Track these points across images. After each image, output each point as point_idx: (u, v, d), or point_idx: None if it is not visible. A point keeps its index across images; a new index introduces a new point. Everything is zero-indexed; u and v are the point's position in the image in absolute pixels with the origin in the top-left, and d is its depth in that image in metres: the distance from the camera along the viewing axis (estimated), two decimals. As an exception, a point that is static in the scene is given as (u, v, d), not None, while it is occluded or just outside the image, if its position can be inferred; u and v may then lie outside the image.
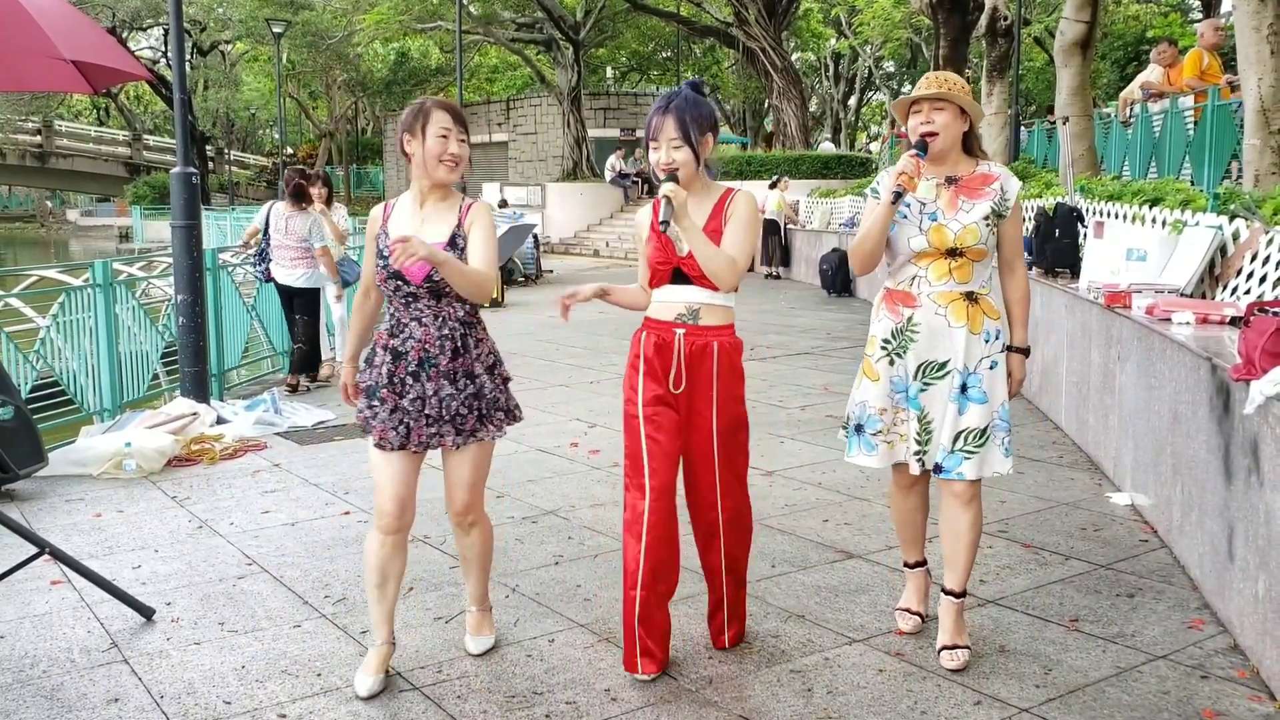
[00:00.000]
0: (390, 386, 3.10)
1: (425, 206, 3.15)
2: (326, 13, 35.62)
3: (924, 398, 3.23)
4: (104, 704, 3.09)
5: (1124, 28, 27.08)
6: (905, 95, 3.28)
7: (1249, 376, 3.20)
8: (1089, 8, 11.40)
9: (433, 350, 3.09)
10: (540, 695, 3.11)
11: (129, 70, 3.90)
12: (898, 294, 3.27)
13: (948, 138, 3.17)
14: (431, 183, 3.11)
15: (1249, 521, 3.26)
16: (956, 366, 3.19)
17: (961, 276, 3.19)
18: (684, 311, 3.14)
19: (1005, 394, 3.24)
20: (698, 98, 3.12)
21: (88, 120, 55.37)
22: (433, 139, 3.04)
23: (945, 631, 3.30)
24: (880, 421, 3.29)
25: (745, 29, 25.41)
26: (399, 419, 3.08)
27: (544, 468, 5.69)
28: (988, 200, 3.18)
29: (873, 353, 3.31)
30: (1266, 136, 6.87)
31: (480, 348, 3.18)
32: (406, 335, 3.11)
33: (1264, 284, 4.74)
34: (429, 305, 3.10)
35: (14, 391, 5.37)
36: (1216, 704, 3.00)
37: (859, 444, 3.34)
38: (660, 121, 3.06)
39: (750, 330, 10.99)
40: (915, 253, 3.19)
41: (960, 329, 3.18)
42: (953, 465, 3.18)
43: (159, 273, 10.01)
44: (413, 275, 3.05)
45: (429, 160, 3.05)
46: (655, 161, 3.09)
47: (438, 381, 3.09)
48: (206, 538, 4.61)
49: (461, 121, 3.10)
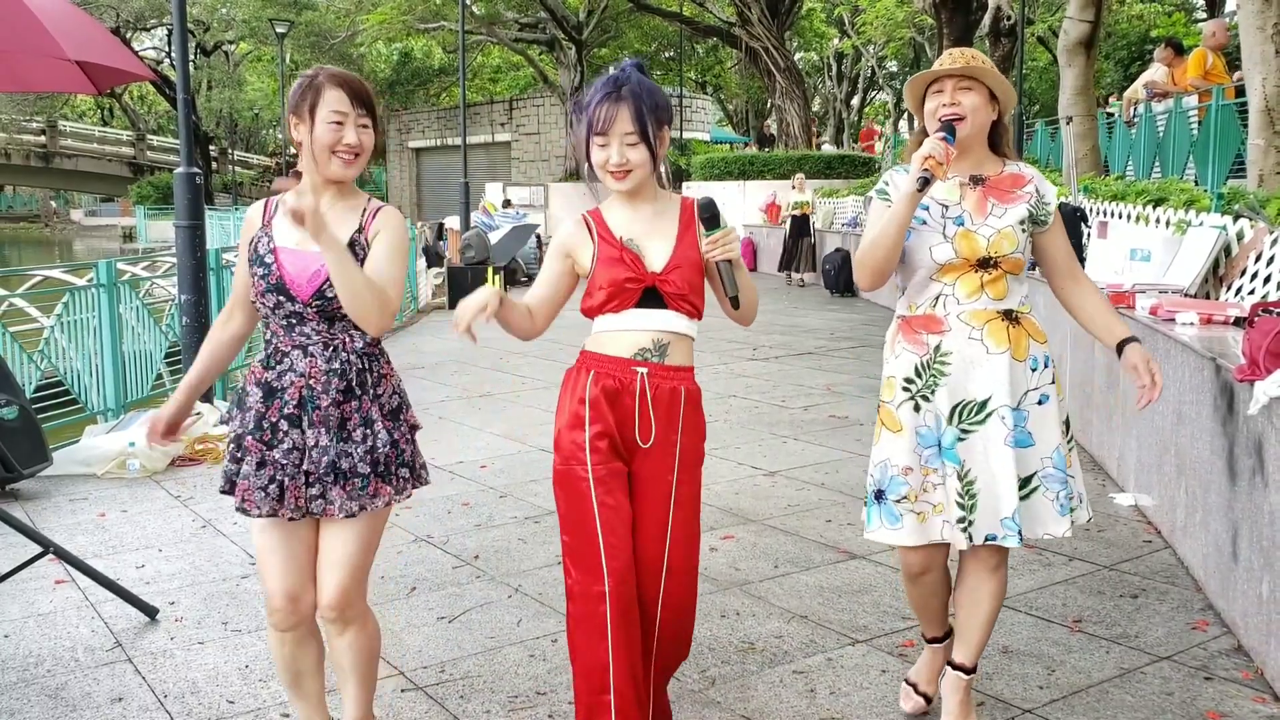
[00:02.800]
0: (257, 433, 2.40)
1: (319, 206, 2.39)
2: (330, 13, 35.68)
3: (962, 449, 2.58)
4: (108, 703, 3.10)
5: (1128, 27, 27.03)
6: (923, 71, 2.64)
7: (1253, 377, 3.20)
8: (1093, 7, 11.40)
9: (316, 388, 2.40)
10: (543, 695, 3.11)
11: (133, 71, 3.91)
12: (918, 320, 2.63)
13: (975, 124, 2.58)
14: (324, 178, 2.43)
15: (1253, 522, 3.26)
16: (1003, 402, 2.55)
17: (996, 292, 2.58)
18: (649, 346, 2.46)
19: (1059, 436, 2.62)
20: (650, 82, 2.44)
21: (92, 120, 55.45)
22: (322, 125, 2.36)
23: (949, 713, 2.75)
24: (906, 484, 2.61)
25: (748, 29, 25.41)
26: (269, 476, 2.39)
27: (546, 467, 5.63)
28: (1023, 204, 2.61)
29: (891, 398, 2.65)
30: (1271, 136, 6.87)
31: (382, 387, 2.48)
32: (285, 368, 2.42)
33: (1268, 284, 4.73)
34: (317, 330, 2.41)
35: (18, 391, 5.38)
36: (1220, 705, 2.99)
37: (880, 514, 2.65)
38: (612, 111, 2.37)
39: (752, 330, 10.99)
40: (939, 265, 2.58)
41: (1001, 355, 2.56)
42: (1012, 529, 2.55)
43: (163, 273, 10.02)
44: (299, 290, 2.39)
45: (318, 151, 2.38)
46: (601, 163, 2.41)
47: (318, 429, 2.39)
48: (210, 537, 4.62)
49: (364, 101, 2.40)
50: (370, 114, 2.42)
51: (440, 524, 4.69)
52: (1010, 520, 2.56)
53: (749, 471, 5.53)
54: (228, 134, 48.46)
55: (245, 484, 2.41)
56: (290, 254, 2.43)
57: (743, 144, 34.33)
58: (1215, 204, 6.05)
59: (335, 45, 35.45)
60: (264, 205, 2.55)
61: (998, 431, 2.57)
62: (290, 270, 2.41)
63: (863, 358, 9.22)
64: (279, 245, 2.45)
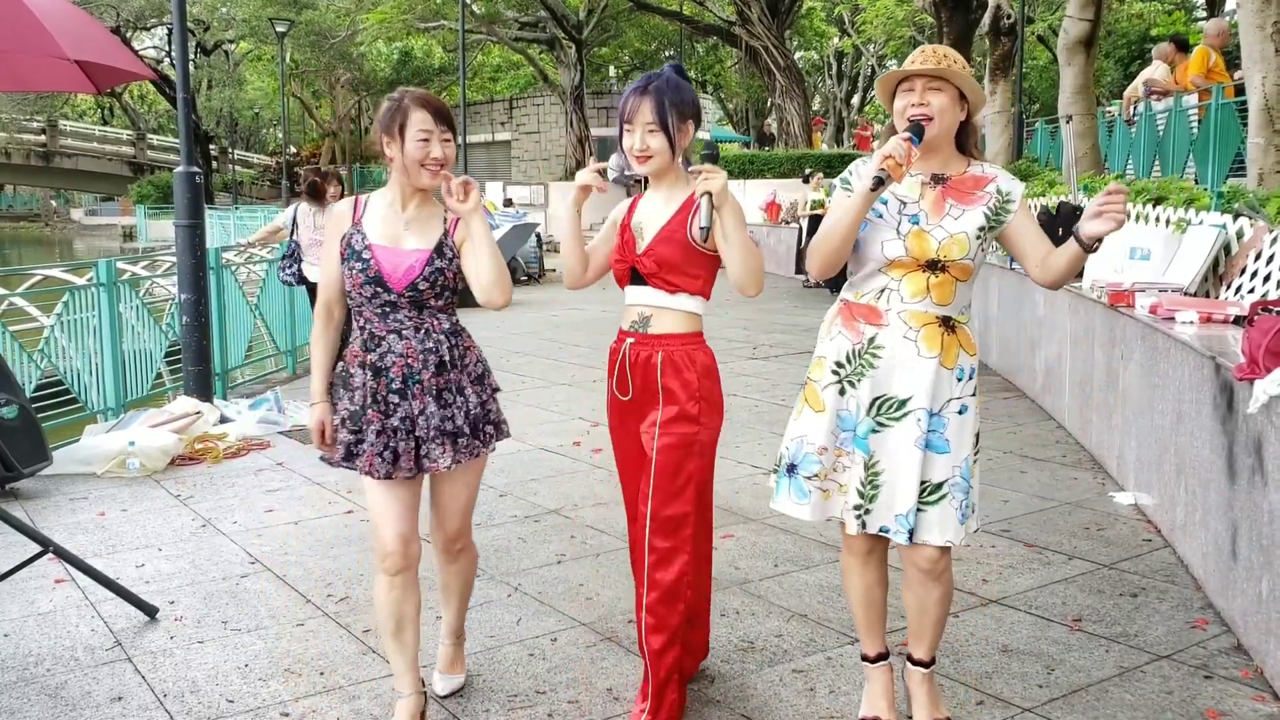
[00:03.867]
0: (376, 406, 2.80)
1: (408, 210, 2.83)
2: (330, 12, 35.68)
3: (874, 440, 2.64)
4: (107, 702, 3.10)
5: (1128, 26, 27.03)
6: (893, 70, 2.67)
7: (1253, 376, 3.20)
8: (1092, 6, 11.39)
9: (415, 365, 2.78)
10: (542, 694, 3.11)
11: (133, 70, 3.90)
12: (859, 308, 2.68)
13: (943, 125, 2.60)
14: (415, 187, 2.81)
15: (1253, 521, 3.26)
16: (922, 405, 2.60)
17: (941, 297, 2.61)
18: (636, 319, 2.82)
19: (970, 447, 2.66)
20: (680, 81, 2.77)
21: (92, 120, 55.46)
22: (413, 143, 2.72)
23: (920, 707, 2.80)
24: (819, 463, 2.67)
25: (748, 28, 25.42)
26: (384, 442, 2.79)
27: (547, 466, 5.69)
28: (980, 207, 2.62)
29: (819, 377, 2.71)
30: (1270, 135, 6.86)
31: (468, 358, 2.89)
32: (385, 349, 2.79)
33: (1268, 283, 4.73)
34: (410, 316, 2.80)
35: (18, 390, 5.38)
36: (1220, 704, 2.99)
37: (789, 488, 2.71)
38: (637, 103, 2.72)
39: (753, 329, 10.99)
40: (888, 260, 2.61)
41: (931, 360, 2.60)
42: (904, 526, 2.61)
43: (162, 272, 10.02)
44: (395, 282, 2.76)
45: (410, 165, 2.74)
46: (629, 147, 2.76)
47: (423, 399, 2.79)
48: (210, 536, 4.62)
49: (445, 119, 2.76)
50: (451, 129, 2.78)
51: (440, 523, 4.70)
52: (904, 518, 2.61)
53: (749, 470, 5.53)
54: (228, 133, 48.48)
55: (369, 453, 2.79)
56: (384, 250, 2.79)
57: (744, 143, 34.30)
58: (1215, 202, 6.05)
59: (335, 44, 35.47)
60: (353, 204, 2.89)
61: (911, 432, 2.61)
62: (386, 265, 2.77)
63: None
64: (373, 242, 2.79)
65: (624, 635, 3.51)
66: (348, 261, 2.79)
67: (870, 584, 2.81)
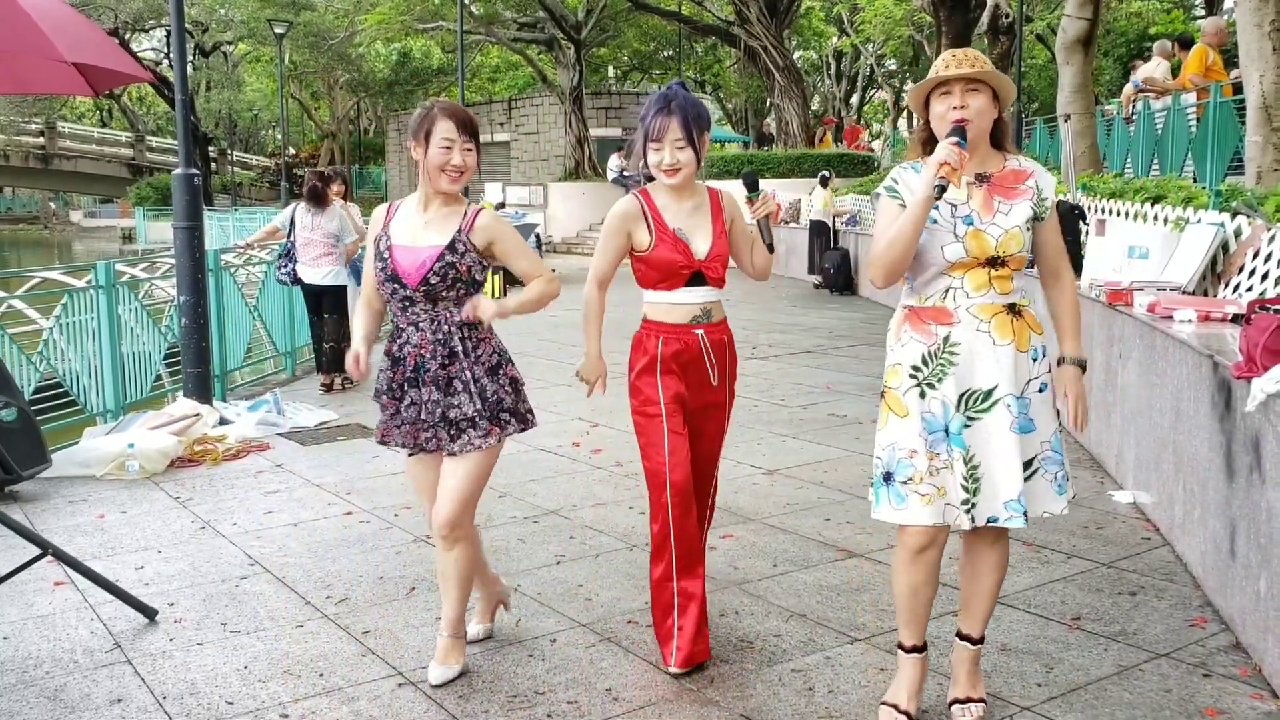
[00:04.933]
0: (390, 393, 3.12)
1: (429, 211, 3.10)
2: (328, 13, 35.67)
3: (969, 435, 2.69)
4: (107, 704, 3.10)
5: (1126, 25, 27.01)
6: (930, 78, 2.72)
7: (1250, 374, 3.20)
8: (1091, 5, 11.40)
9: (426, 355, 3.06)
10: (542, 695, 3.11)
11: (130, 72, 3.90)
12: (927, 311, 2.74)
13: (980, 125, 2.68)
14: (435, 190, 3.07)
15: (1251, 519, 3.26)
16: (1007, 391, 2.69)
17: (1003, 288, 2.71)
18: (699, 313, 3.23)
19: (1054, 421, 2.78)
20: (694, 97, 3.16)
21: (90, 122, 55.45)
22: (436, 149, 2.99)
23: (959, 684, 2.91)
24: (913, 467, 2.70)
25: (747, 27, 25.40)
26: (397, 424, 3.12)
27: (546, 467, 5.69)
28: (1026, 200, 2.72)
29: (898, 384, 2.76)
30: (1268, 133, 6.87)
31: (481, 348, 3.13)
32: (404, 341, 3.10)
33: (1266, 281, 4.73)
34: (425, 310, 3.07)
35: (17, 393, 5.38)
36: (1218, 702, 2.99)
37: (888, 495, 2.74)
38: (665, 122, 3.08)
39: (753, 329, 10.99)
40: (950, 263, 2.69)
41: (1006, 347, 2.70)
42: (1017, 510, 2.67)
43: (161, 274, 10.02)
44: (409, 278, 3.03)
45: (431, 170, 3.01)
46: (656, 164, 3.10)
47: (430, 388, 3.06)
48: (209, 538, 4.62)
49: (469, 130, 3.02)
50: (474, 140, 3.04)
51: (439, 524, 4.70)
52: (1015, 502, 2.68)
53: (748, 470, 5.53)
54: (227, 135, 48.46)
55: (384, 426, 3.15)
56: (403, 250, 3.06)
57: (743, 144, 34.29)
58: (1213, 201, 6.05)
59: (334, 45, 35.45)
60: (387, 209, 3.19)
61: (1003, 418, 2.70)
62: (402, 263, 3.04)
63: (862, 356, 9.22)
64: (395, 243, 3.07)
65: (623, 636, 3.51)
66: (376, 262, 3.09)
67: (921, 581, 2.81)
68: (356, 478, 5.54)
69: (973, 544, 2.87)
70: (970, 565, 2.89)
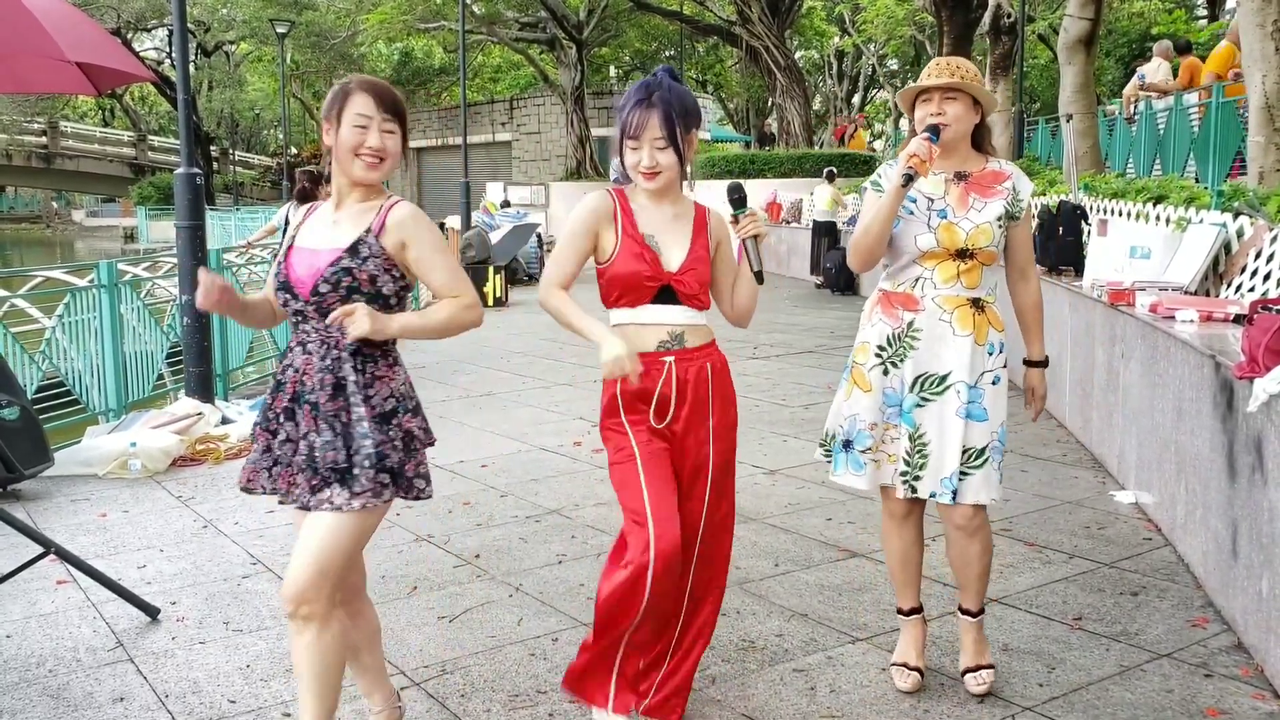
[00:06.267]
0: (264, 423, 2.50)
1: (342, 208, 2.50)
2: (330, 13, 35.68)
3: (919, 414, 2.94)
4: (109, 703, 3.10)
5: (1128, 25, 27.01)
6: (912, 85, 2.96)
7: (1252, 374, 3.20)
8: (1093, 5, 11.40)
9: (309, 384, 2.42)
10: (544, 694, 3.11)
11: (132, 72, 3.91)
12: (897, 296, 2.98)
13: (959, 130, 2.90)
14: (349, 180, 2.47)
15: (1253, 520, 3.26)
16: (960, 378, 2.90)
17: (970, 281, 2.92)
18: (667, 338, 2.65)
19: (1004, 414, 2.97)
20: (681, 88, 2.61)
21: (93, 121, 55.48)
22: (348, 128, 2.41)
23: (967, 653, 3.10)
24: (870, 437, 2.98)
25: (748, 27, 25.40)
26: (270, 461, 2.49)
27: (547, 467, 5.70)
28: (1000, 200, 2.93)
29: (864, 360, 3.01)
30: (1271, 133, 6.86)
31: (376, 388, 2.43)
32: (288, 363, 2.48)
33: (1268, 281, 4.73)
34: (316, 328, 2.43)
35: (20, 392, 5.39)
36: (1220, 702, 2.99)
37: (846, 462, 3.02)
38: (644, 117, 2.54)
39: (753, 329, 10.96)
40: (922, 252, 2.91)
41: (965, 338, 2.91)
42: (948, 488, 2.90)
43: (164, 273, 10.02)
44: (300, 286, 2.42)
45: (342, 154, 2.43)
46: (634, 164, 2.59)
47: (310, 423, 2.40)
48: (211, 537, 4.63)
49: (390, 106, 2.43)
50: (397, 120, 2.45)
51: (441, 523, 4.70)
52: (948, 480, 2.91)
53: (749, 470, 5.53)
54: (228, 134, 48.46)
55: (251, 467, 2.52)
56: (305, 253, 2.47)
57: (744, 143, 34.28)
58: (1215, 201, 6.05)
59: (336, 45, 35.46)
60: (307, 209, 2.61)
61: (952, 404, 2.92)
62: (297, 269, 2.46)
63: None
64: (297, 244, 2.50)
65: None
66: (272, 264, 2.54)
67: (908, 544, 3.11)
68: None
69: (951, 534, 3.03)
70: (958, 557, 3.05)
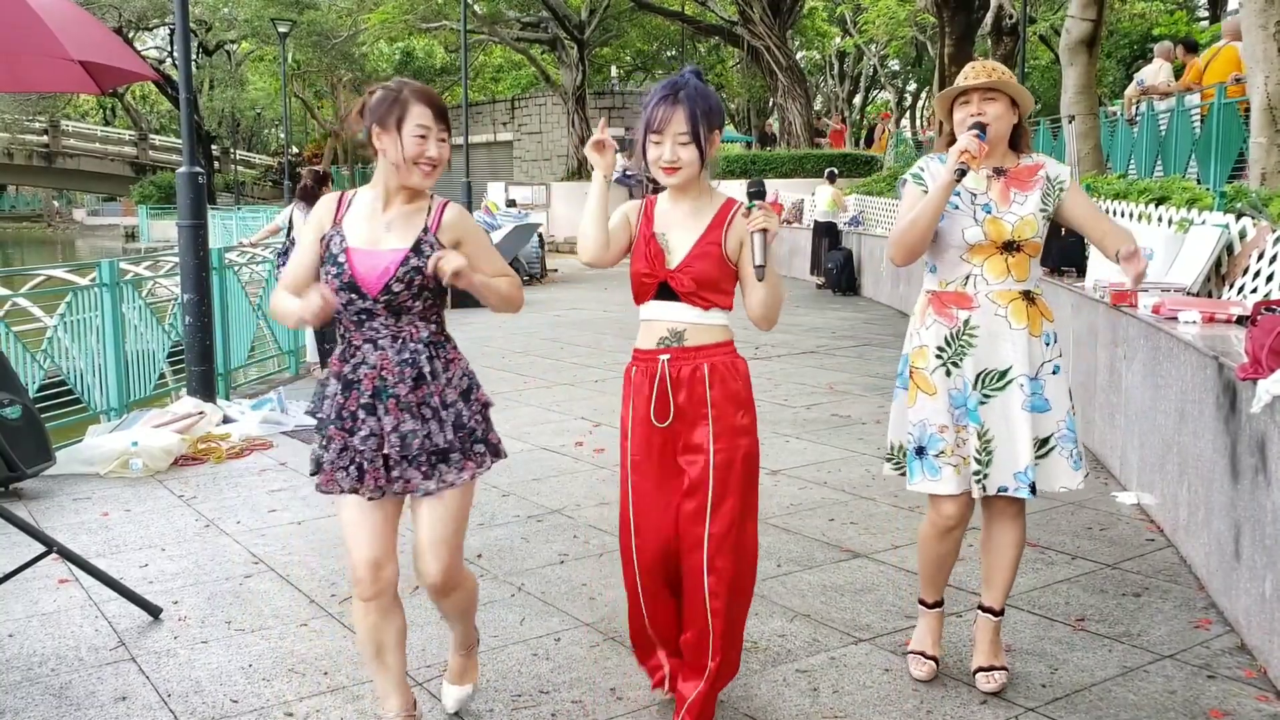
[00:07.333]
0: (339, 422, 2.59)
1: (390, 209, 2.63)
2: (332, 12, 35.66)
3: (983, 411, 2.93)
4: (112, 702, 3.10)
5: (1130, 26, 26.98)
6: (951, 87, 3.00)
7: (1256, 375, 3.20)
8: (1095, 6, 11.39)
9: (390, 378, 2.57)
10: (546, 694, 3.11)
11: (135, 70, 3.91)
12: (949, 296, 2.98)
13: (999, 129, 2.94)
14: (404, 185, 2.61)
15: (1256, 521, 3.26)
16: (1022, 372, 2.92)
17: (1020, 274, 2.94)
18: (666, 335, 2.71)
19: (1068, 401, 3.00)
20: (707, 89, 2.68)
21: (94, 120, 55.50)
22: (410, 139, 2.54)
23: (981, 653, 3.13)
24: (943, 440, 2.95)
25: (750, 27, 25.40)
26: (350, 458, 2.59)
27: (549, 466, 5.69)
28: (1038, 190, 2.98)
29: (925, 364, 2.98)
30: (1273, 135, 6.86)
31: (451, 370, 2.65)
32: (359, 360, 2.59)
33: (1271, 283, 4.72)
34: (386, 324, 2.59)
35: (21, 391, 5.38)
36: (1223, 704, 2.99)
37: (922, 469, 2.98)
38: (668, 113, 2.61)
39: (754, 329, 10.96)
40: (969, 246, 2.93)
41: (1021, 331, 2.92)
42: (1024, 481, 2.91)
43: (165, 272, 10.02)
44: (369, 287, 2.56)
45: (403, 163, 2.56)
46: (655, 159, 2.65)
47: (397, 415, 2.56)
48: (213, 536, 4.63)
49: (443, 117, 2.58)
50: (448, 129, 2.61)
51: (443, 523, 4.70)
52: (1023, 474, 2.92)
53: (751, 470, 5.53)
54: (230, 133, 48.48)
55: (329, 469, 2.62)
56: (362, 254, 2.59)
57: (746, 144, 34.28)
58: (1217, 202, 6.04)
59: (337, 45, 35.46)
60: (336, 201, 2.69)
61: (1016, 397, 2.93)
62: (360, 269, 2.57)
63: (865, 356, 9.21)
64: (351, 245, 2.60)
65: (626, 635, 3.51)
66: (325, 265, 2.62)
67: (947, 553, 3.12)
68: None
69: (992, 520, 3.08)
70: (990, 540, 3.10)
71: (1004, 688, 3.07)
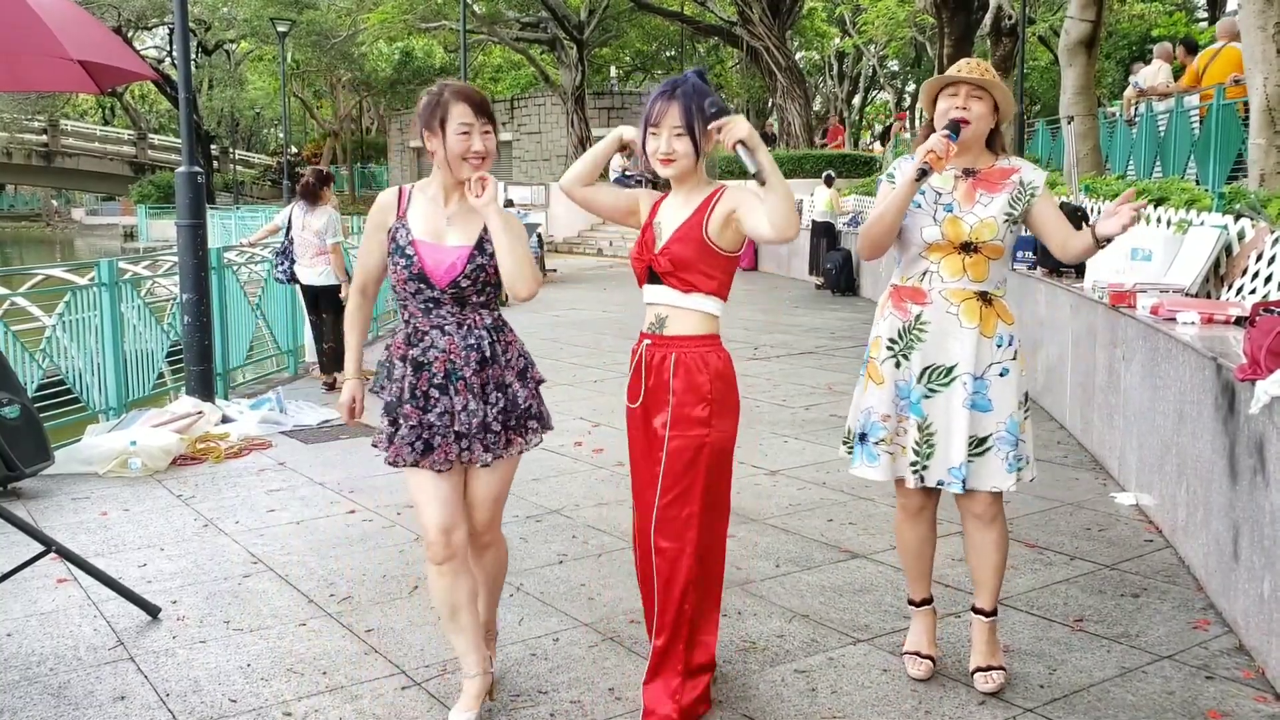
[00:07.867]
0: (414, 401, 2.84)
1: (450, 205, 2.87)
2: (331, 12, 35.65)
3: (927, 405, 3.01)
4: (110, 701, 3.10)
5: (1129, 27, 27.00)
6: (941, 76, 3.03)
7: (1254, 376, 3.20)
8: (1094, 7, 11.40)
9: (458, 361, 2.83)
10: (544, 694, 3.11)
11: (135, 70, 3.91)
12: (906, 290, 3.05)
13: (977, 129, 2.97)
14: (458, 180, 2.83)
15: (1254, 522, 3.26)
16: (967, 371, 2.96)
17: (976, 274, 2.97)
18: (654, 320, 2.88)
19: (1015, 405, 3.00)
20: (705, 87, 2.80)
21: (93, 119, 55.46)
22: (454, 136, 2.75)
23: (978, 653, 3.14)
24: (884, 429, 3.05)
25: (749, 28, 25.40)
26: (417, 434, 2.83)
27: (548, 466, 5.69)
28: (1006, 194, 2.99)
29: (877, 354, 3.09)
30: (1272, 136, 6.87)
31: (510, 352, 2.92)
32: (428, 345, 2.84)
33: (1269, 284, 4.73)
34: (452, 312, 2.84)
35: (20, 390, 5.38)
36: (1221, 704, 2.99)
37: (862, 454, 3.10)
38: (666, 107, 2.76)
39: (755, 330, 10.99)
40: (927, 244, 2.98)
41: (971, 330, 2.96)
42: (957, 477, 2.98)
43: (164, 272, 10.02)
44: (438, 279, 2.81)
45: (452, 160, 2.77)
46: (653, 151, 2.79)
47: (465, 395, 2.83)
48: (212, 536, 4.62)
49: (485, 111, 2.78)
50: (491, 121, 2.80)
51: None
52: (957, 470, 2.99)
53: (750, 471, 5.53)
54: (229, 133, 48.47)
55: (397, 445, 2.84)
56: (428, 246, 2.83)
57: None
58: (1216, 203, 6.05)
59: (336, 44, 35.45)
60: (398, 195, 2.91)
61: (959, 394, 2.98)
62: (429, 261, 2.82)
63: (864, 357, 9.21)
64: (416, 238, 2.84)
65: (626, 635, 3.51)
66: (393, 256, 2.85)
67: (920, 539, 3.19)
68: (359, 476, 5.54)
69: (966, 523, 3.12)
70: (970, 545, 3.15)
71: (1002, 688, 3.08)
